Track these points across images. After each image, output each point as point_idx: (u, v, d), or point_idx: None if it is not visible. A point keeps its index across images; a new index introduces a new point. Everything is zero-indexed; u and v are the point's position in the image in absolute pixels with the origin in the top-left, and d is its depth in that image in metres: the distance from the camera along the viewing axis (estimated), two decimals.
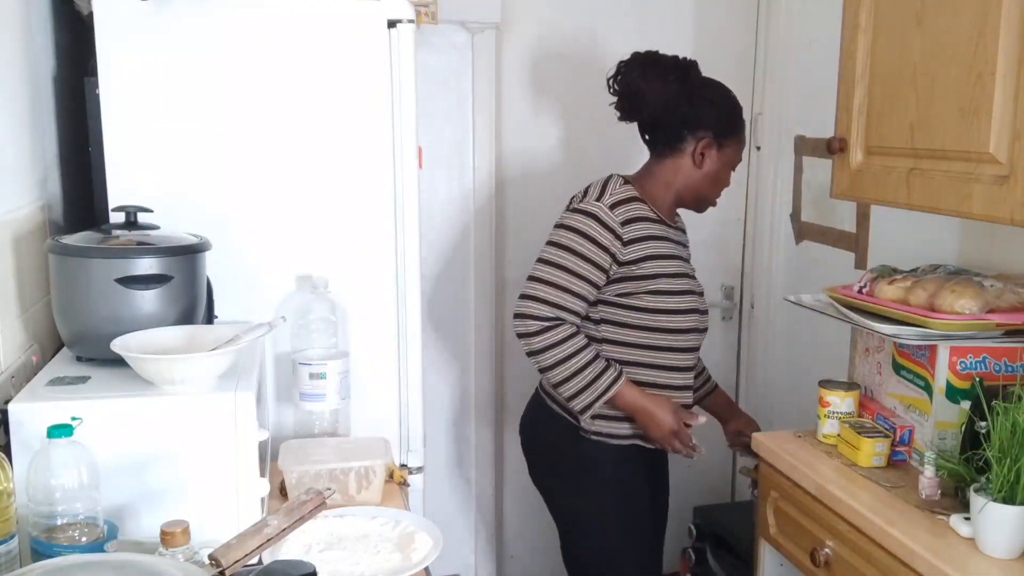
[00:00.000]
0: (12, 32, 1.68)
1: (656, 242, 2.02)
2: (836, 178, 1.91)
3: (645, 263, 2.00)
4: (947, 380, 1.70)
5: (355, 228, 1.89)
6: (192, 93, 1.79)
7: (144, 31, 1.75)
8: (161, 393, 1.40)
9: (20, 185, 1.68)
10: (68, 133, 1.98)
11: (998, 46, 1.45)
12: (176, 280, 1.57)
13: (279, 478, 1.69)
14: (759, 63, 2.91)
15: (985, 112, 1.48)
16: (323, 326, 1.85)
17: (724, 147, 2.07)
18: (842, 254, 2.52)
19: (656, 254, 2.01)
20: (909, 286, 1.78)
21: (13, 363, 1.53)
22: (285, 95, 1.82)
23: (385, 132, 1.87)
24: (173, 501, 1.37)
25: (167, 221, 1.69)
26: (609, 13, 2.80)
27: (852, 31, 1.83)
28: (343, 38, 1.83)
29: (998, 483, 1.40)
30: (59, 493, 1.23)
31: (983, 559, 1.43)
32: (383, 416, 1.95)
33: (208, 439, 1.40)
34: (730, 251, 3.04)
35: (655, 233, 2.03)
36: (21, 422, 1.33)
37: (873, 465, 1.78)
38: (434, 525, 1.53)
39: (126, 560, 1.13)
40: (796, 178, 2.75)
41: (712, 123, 2.05)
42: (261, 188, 1.84)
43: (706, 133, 2.05)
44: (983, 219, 1.51)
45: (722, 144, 2.07)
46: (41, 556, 1.21)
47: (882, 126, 1.77)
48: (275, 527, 1.28)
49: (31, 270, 1.66)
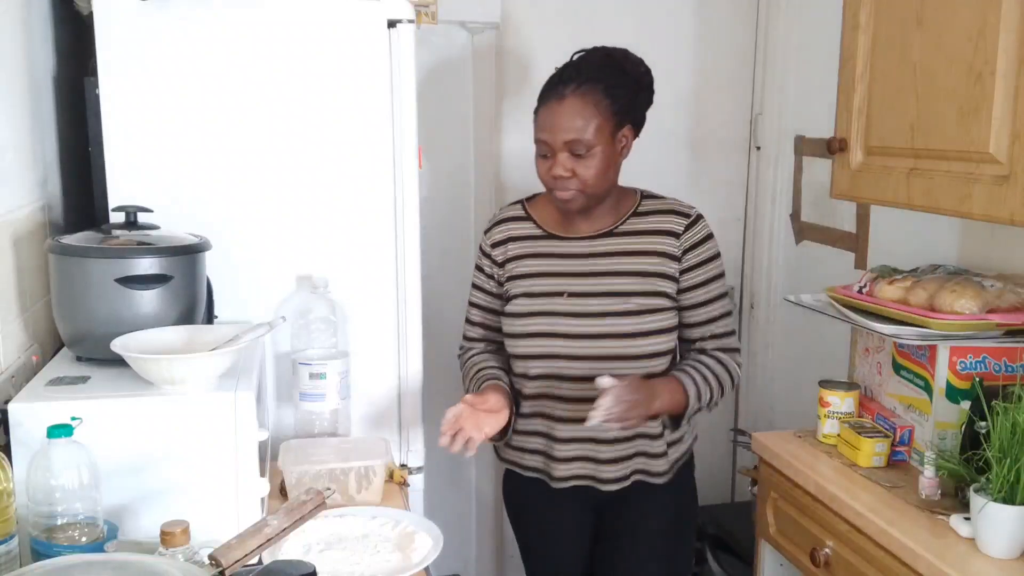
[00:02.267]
0: (12, 32, 1.68)
1: (528, 260, 1.83)
2: (836, 178, 1.91)
3: (511, 282, 1.84)
4: (947, 380, 1.70)
5: (355, 228, 1.89)
6: (192, 93, 1.79)
7: (144, 31, 1.75)
8: (161, 393, 1.40)
9: (20, 185, 1.68)
10: (68, 133, 1.97)
11: (998, 46, 1.45)
12: (176, 280, 1.57)
13: (279, 478, 1.69)
14: (759, 63, 2.91)
15: (985, 112, 1.48)
16: (323, 326, 1.85)
17: (536, 118, 1.77)
18: (842, 254, 2.52)
19: (521, 274, 1.83)
20: (909, 286, 1.78)
21: (13, 363, 1.53)
22: (285, 95, 1.82)
23: (385, 132, 1.87)
24: (173, 501, 1.36)
25: (167, 221, 1.69)
26: (609, 13, 2.80)
27: (852, 31, 1.83)
28: (343, 38, 1.83)
29: (998, 483, 1.40)
30: (59, 493, 1.23)
31: (983, 559, 1.43)
32: (383, 416, 1.95)
33: (208, 439, 1.40)
34: (730, 251, 3.03)
35: (529, 251, 1.84)
36: (21, 422, 1.33)
37: (873, 465, 1.78)
38: (434, 525, 1.53)
39: (126, 560, 1.13)
40: (796, 178, 2.75)
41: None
42: (261, 188, 1.84)
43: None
44: (983, 219, 1.51)
45: (535, 115, 1.77)
46: (41, 556, 1.21)
47: (882, 126, 1.77)
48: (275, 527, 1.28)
49: (31, 270, 1.66)
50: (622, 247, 1.80)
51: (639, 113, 1.79)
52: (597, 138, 1.70)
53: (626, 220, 1.82)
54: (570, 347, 1.77)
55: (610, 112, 1.71)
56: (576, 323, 1.77)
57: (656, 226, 1.80)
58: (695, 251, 1.79)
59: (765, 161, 2.89)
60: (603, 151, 1.72)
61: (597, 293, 1.78)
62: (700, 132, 2.92)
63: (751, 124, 2.95)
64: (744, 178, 2.99)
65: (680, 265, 1.78)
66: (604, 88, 1.71)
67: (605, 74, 1.73)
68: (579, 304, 1.78)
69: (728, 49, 2.90)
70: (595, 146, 1.71)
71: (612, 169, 1.76)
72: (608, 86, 1.72)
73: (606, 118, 1.71)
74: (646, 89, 1.80)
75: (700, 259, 1.80)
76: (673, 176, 2.86)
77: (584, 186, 1.72)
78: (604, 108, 1.71)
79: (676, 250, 1.78)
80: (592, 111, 1.70)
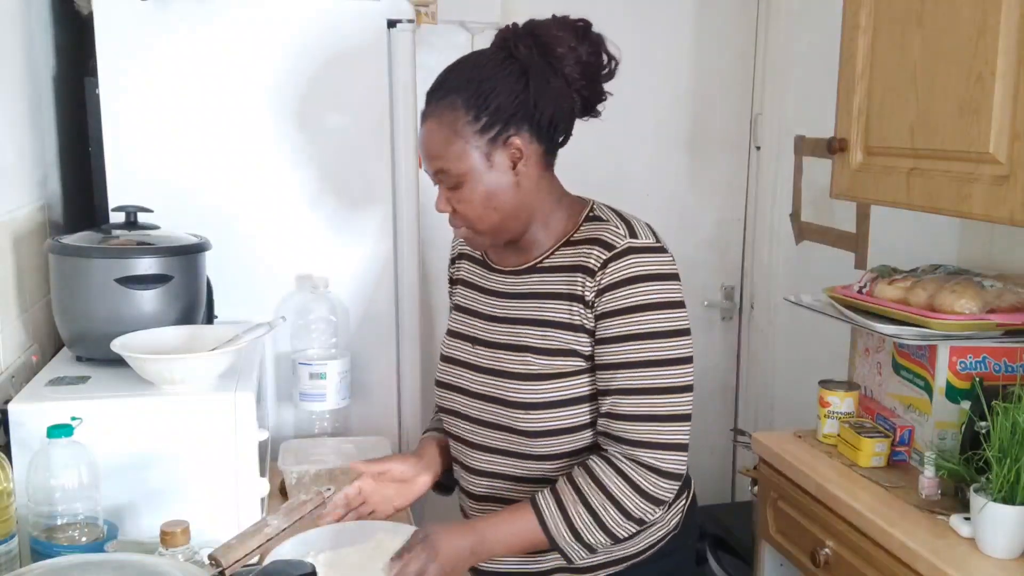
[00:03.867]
0: (12, 32, 1.68)
1: (464, 290, 1.52)
2: (836, 178, 1.91)
3: (452, 311, 1.56)
4: (947, 380, 1.70)
5: (355, 228, 1.89)
6: (192, 93, 1.79)
7: (144, 31, 1.76)
8: (161, 393, 1.40)
9: (20, 185, 1.68)
10: (68, 133, 1.98)
11: (998, 46, 1.45)
12: (176, 280, 1.57)
13: (279, 478, 1.69)
14: (759, 63, 2.91)
15: (985, 112, 1.48)
16: (323, 326, 1.85)
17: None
18: (842, 254, 2.52)
19: (455, 304, 1.54)
20: (909, 286, 1.78)
21: (13, 363, 1.53)
22: (285, 95, 1.83)
23: (385, 132, 1.87)
24: (173, 501, 1.36)
25: (167, 221, 1.69)
26: (609, 13, 2.78)
27: (852, 31, 1.83)
28: (343, 38, 1.83)
29: (998, 483, 1.40)
30: (59, 493, 1.23)
31: (983, 559, 1.43)
32: (383, 416, 1.95)
33: (208, 439, 1.40)
34: (730, 251, 3.04)
35: (468, 279, 1.52)
36: (21, 422, 1.33)
37: (873, 465, 1.78)
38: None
39: (126, 560, 1.13)
40: (796, 178, 2.75)
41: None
42: (261, 188, 1.84)
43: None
44: (983, 219, 1.51)
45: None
46: (41, 556, 1.21)
47: (882, 126, 1.77)
48: (275, 527, 1.28)
49: (31, 270, 1.66)
50: (535, 287, 1.40)
51: (539, 109, 1.33)
52: (461, 164, 1.33)
53: (555, 251, 1.40)
54: (468, 408, 1.44)
55: (475, 128, 1.32)
56: (475, 379, 1.43)
57: (573, 260, 1.37)
58: (611, 294, 1.31)
59: (765, 161, 2.89)
60: (478, 179, 1.33)
61: (499, 345, 1.41)
62: (700, 132, 2.92)
63: (751, 124, 2.95)
64: (744, 178, 2.99)
65: (593, 312, 1.33)
66: (466, 98, 1.32)
67: (476, 73, 1.34)
68: (482, 357, 1.43)
69: (728, 49, 2.90)
70: (464, 174, 1.33)
71: (500, 197, 1.35)
72: (472, 93, 1.32)
73: (467, 137, 1.32)
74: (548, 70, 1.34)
75: (616, 307, 1.31)
76: (673, 176, 2.87)
77: (469, 223, 1.38)
78: (463, 125, 1.32)
79: (590, 293, 1.33)
80: (448, 132, 1.33)
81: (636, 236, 1.35)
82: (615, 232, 1.35)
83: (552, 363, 1.35)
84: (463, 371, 1.46)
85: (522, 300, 1.41)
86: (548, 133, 1.37)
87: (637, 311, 1.31)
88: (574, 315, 1.35)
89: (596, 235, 1.36)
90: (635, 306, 1.31)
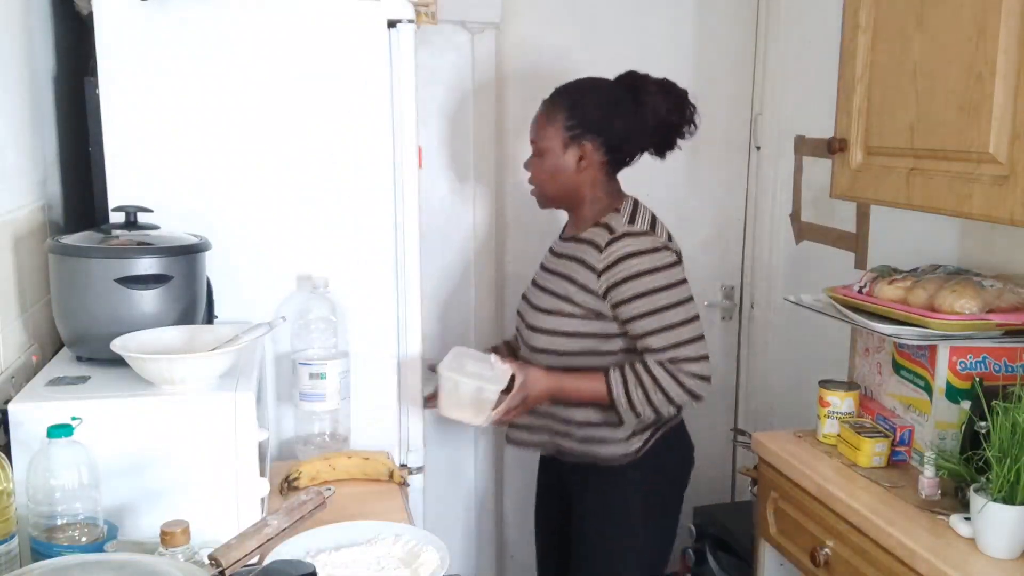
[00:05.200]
0: (12, 32, 1.68)
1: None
2: (836, 178, 1.91)
3: None
4: (947, 380, 1.71)
5: (355, 228, 1.89)
6: (192, 93, 1.79)
7: (144, 31, 1.75)
8: (161, 393, 1.40)
9: (20, 185, 1.68)
10: (68, 133, 1.98)
11: (998, 46, 1.45)
12: (176, 280, 1.57)
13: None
14: (759, 63, 2.91)
15: (985, 112, 1.48)
16: (323, 326, 1.85)
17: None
18: (842, 254, 2.52)
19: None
20: (909, 286, 1.78)
21: (13, 363, 1.53)
22: (285, 95, 1.82)
23: (385, 132, 1.87)
24: (173, 501, 1.36)
25: (167, 221, 1.69)
26: (609, 13, 2.80)
27: (852, 31, 1.83)
28: (343, 38, 1.83)
29: (998, 483, 1.40)
30: (59, 493, 1.23)
31: (983, 559, 1.43)
32: (383, 416, 1.95)
33: (208, 439, 1.40)
34: (730, 251, 3.04)
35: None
36: (21, 422, 1.33)
37: (873, 465, 1.78)
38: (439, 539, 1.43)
39: (126, 560, 1.13)
40: (796, 178, 2.75)
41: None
42: (261, 188, 1.84)
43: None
44: (983, 219, 1.51)
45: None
46: (41, 556, 1.21)
47: (882, 126, 1.77)
48: (275, 527, 1.28)
49: (31, 270, 1.66)
50: (569, 252, 1.99)
51: (615, 131, 1.94)
52: (548, 144, 1.95)
53: (587, 229, 1.96)
54: (518, 323, 2.10)
55: (564, 124, 1.93)
56: (523, 307, 2.08)
57: (590, 237, 1.94)
58: (612, 271, 1.87)
59: (765, 161, 2.89)
60: (551, 157, 1.95)
61: (540, 286, 2.03)
62: (700, 132, 2.91)
63: (751, 124, 2.95)
64: (744, 178, 2.99)
65: (600, 281, 1.88)
66: (570, 103, 1.94)
67: (583, 91, 1.96)
68: (531, 292, 2.07)
69: (728, 49, 2.90)
70: (545, 150, 1.96)
71: (564, 176, 1.96)
72: (575, 102, 1.94)
73: (558, 128, 1.94)
74: (636, 109, 1.95)
75: (617, 278, 1.86)
76: (673, 176, 2.86)
77: (535, 184, 2.01)
78: (559, 119, 1.94)
79: (599, 263, 1.88)
80: (548, 119, 1.96)
81: (633, 223, 1.92)
82: (618, 221, 1.92)
83: (554, 304, 1.95)
84: (521, 301, 2.10)
85: (561, 259, 2.01)
86: (613, 151, 1.96)
87: (633, 278, 1.85)
88: (583, 277, 1.91)
89: (608, 221, 1.92)
90: (632, 275, 1.85)
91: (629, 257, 1.85)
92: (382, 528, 1.45)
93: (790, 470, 1.86)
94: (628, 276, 1.85)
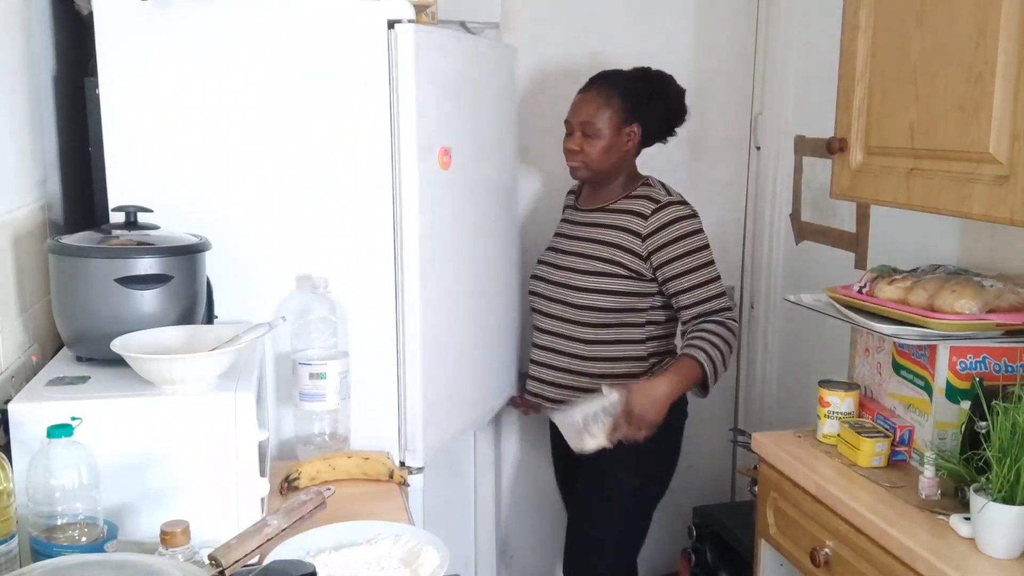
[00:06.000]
0: (12, 32, 1.68)
1: (564, 215, 2.45)
2: (836, 178, 1.91)
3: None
4: (947, 380, 1.70)
5: (355, 228, 1.89)
6: (192, 93, 1.79)
7: (144, 31, 1.75)
8: (161, 393, 1.40)
9: (20, 185, 1.68)
10: (68, 133, 1.98)
11: (998, 46, 1.45)
12: (176, 280, 1.57)
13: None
14: (759, 63, 2.91)
15: (985, 112, 1.48)
16: (323, 326, 1.85)
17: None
18: (842, 254, 2.52)
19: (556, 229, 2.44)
20: (909, 286, 1.78)
21: (13, 363, 1.53)
22: (285, 95, 1.82)
23: (385, 132, 1.87)
24: (173, 501, 1.37)
25: (167, 221, 1.69)
26: (609, 12, 2.80)
27: (852, 31, 1.83)
28: (343, 38, 1.83)
29: (998, 483, 1.40)
30: (59, 493, 1.23)
31: (983, 559, 1.43)
32: (383, 416, 1.95)
33: (208, 439, 1.40)
34: (730, 251, 3.03)
35: (568, 210, 2.45)
36: (21, 422, 1.33)
37: (873, 465, 1.78)
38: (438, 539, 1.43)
39: (126, 560, 1.13)
40: (796, 178, 2.75)
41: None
42: (261, 188, 1.84)
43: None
44: (983, 219, 1.51)
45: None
46: (41, 556, 1.21)
47: (882, 126, 1.77)
48: (275, 527, 1.28)
49: (31, 270, 1.66)
50: (604, 220, 2.27)
51: (651, 117, 2.25)
52: (604, 125, 2.21)
53: (619, 200, 2.27)
54: (540, 288, 2.35)
55: (620, 107, 2.21)
56: (548, 272, 2.33)
57: (629, 207, 2.24)
58: (659, 234, 2.18)
59: (765, 161, 2.89)
60: (607, 136, 2.22)
61: (571, 252, 2.30)
62: (700, 132, 2.92)
63: (751, 124, 2.95)
64: (744, 178, 2.99)
65: (645, 245, 2.19)
66: (621, 89, 2.22)
67: (626, 79, 2.24)
68: (558, 257, 2.32)
69: (728, 49, 2.90)
70: (601, 130, 2.21)
71: (614, 153, 2.24)
72: (625, 88, 2.22)
73: (615, 111, 2.21)
74: (663, 99, 2.26)
75: (663, 240, 2.18)
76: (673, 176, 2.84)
77: (587, 160, 2.24)
78: (615, 103, 2.21)
79: (644, 229, 2.19)
80: (603, 102, 2.21)
81: (671, 195, 2.26)
82: (660, 193, 2.25)
83: (597, 266, 2.24)
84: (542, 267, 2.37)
85: (593, 228, 2.29)
86: (647, 136, 2.28)
87: (679, 240, 2.19)
88: (626, 241, 2.22)
89: (647, 194, 2.25)
90: (678, 236, 2.19)
91: (676, 222, 2.18)
92: (382, 528, 1.45)
93: (790, 470, 1.86)
94: (676, 238, 2.17)
